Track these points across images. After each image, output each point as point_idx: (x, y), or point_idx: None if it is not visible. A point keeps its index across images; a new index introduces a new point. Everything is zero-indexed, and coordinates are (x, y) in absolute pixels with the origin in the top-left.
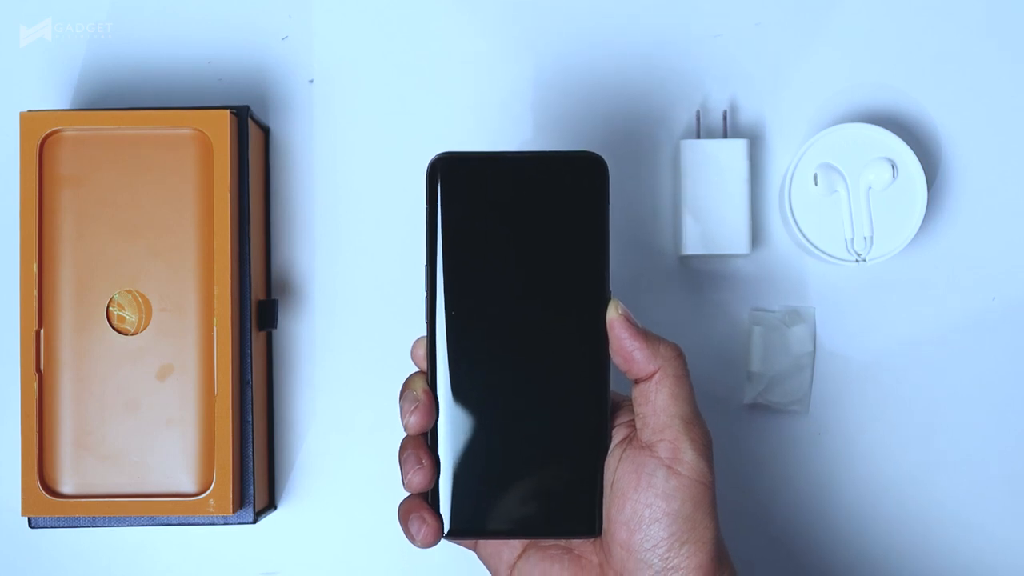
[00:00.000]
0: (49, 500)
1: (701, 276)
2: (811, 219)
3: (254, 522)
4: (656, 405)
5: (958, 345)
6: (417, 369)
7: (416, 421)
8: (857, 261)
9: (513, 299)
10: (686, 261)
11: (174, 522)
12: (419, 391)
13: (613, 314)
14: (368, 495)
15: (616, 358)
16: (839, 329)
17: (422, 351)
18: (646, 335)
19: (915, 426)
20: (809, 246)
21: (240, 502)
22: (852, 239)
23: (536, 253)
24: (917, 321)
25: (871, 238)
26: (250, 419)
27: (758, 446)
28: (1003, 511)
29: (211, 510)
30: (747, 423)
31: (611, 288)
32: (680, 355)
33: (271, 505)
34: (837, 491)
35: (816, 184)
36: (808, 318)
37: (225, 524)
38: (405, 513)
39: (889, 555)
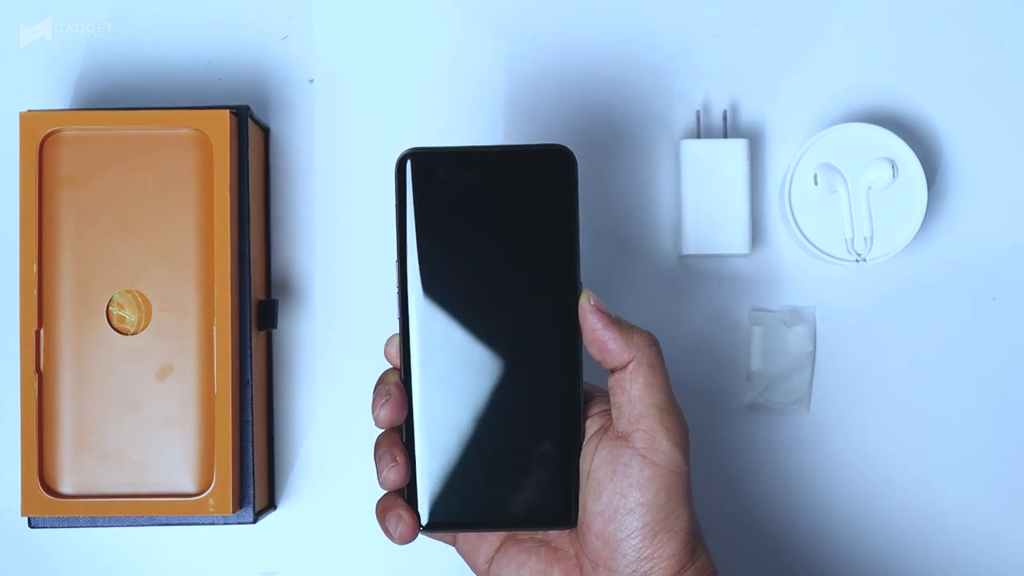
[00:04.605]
0: (49, 500)
1: (701, 276)
2: (811, 219)
3: (254, 522)
4: (631, 394)
5: (958, 345)
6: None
7: (386, 415)
8: (857, 261)
9: (484, 293)
10: (686, 261)
11: (174, 522)
12: (390, 385)
13: (585, 303)
14: (368, 495)
15: (590, 348)
16: (839, 329)
17: (394, 349)
18: (619, 324)
19: (915, 426)
20: (809, 246)
21: (240, 502)
22: (852, 239)
23: (507, 246)
24: (917, 321)
25: (871, 238)
26: (250, 419)
27: (758, 446)
28: (1003, 510)
29: (211, 510)
30: (747, 423)
31: (614, 290)
32: (654, 343)
33: (271, 505)
34: (837, 491)
35: (816, 184)
36: (808, 318)
37: (225, 524)
38: (382, 511)
39: (890, 554)
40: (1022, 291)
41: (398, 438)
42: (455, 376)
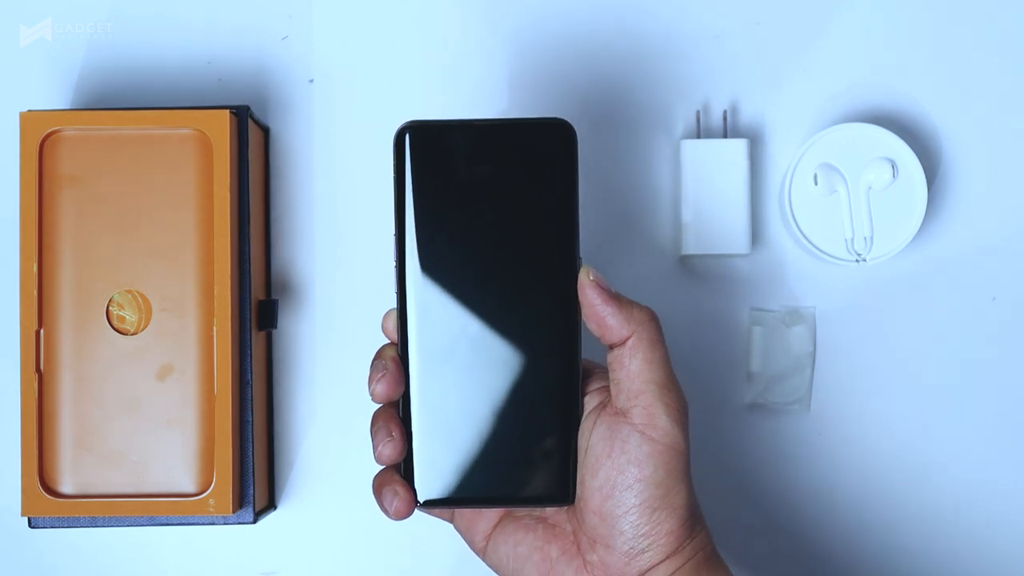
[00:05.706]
0: (49, 500)
1: (701, 276)
2: (811, 219)
3: (254, 522)
4: (630, 370)
5: (958, 344)
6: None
7: (382, 389)
8: (857, 261)
9: (483, 267)
10: (686, 261)
11: (174, 522)
12: (387, 359)
13: (585, 279)
14: (368, 495)
15: (589, 323)
16: (839, 329)
17: (391, 324)
18: (619, 299)
19: (915, 426)
20: (809, 246)
21: (240, 502)
22: (852, 239)
23: (506, 220)
24: (917, 321)
25: (871, 238)
26: (250, 419)
27: (758, 446)
28: (1003, 512)
29: (211, 510)
30: (747, 423)
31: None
32: (654, 319)
33: (271, 505)
34: (837, 491)
35: (816, 184)
36: (808, 318)
37: (225, 524)
38: (378, 487)
39: (889, 555)
40: (1022, 291)
41: (395, 413)
42: (453, 351)
